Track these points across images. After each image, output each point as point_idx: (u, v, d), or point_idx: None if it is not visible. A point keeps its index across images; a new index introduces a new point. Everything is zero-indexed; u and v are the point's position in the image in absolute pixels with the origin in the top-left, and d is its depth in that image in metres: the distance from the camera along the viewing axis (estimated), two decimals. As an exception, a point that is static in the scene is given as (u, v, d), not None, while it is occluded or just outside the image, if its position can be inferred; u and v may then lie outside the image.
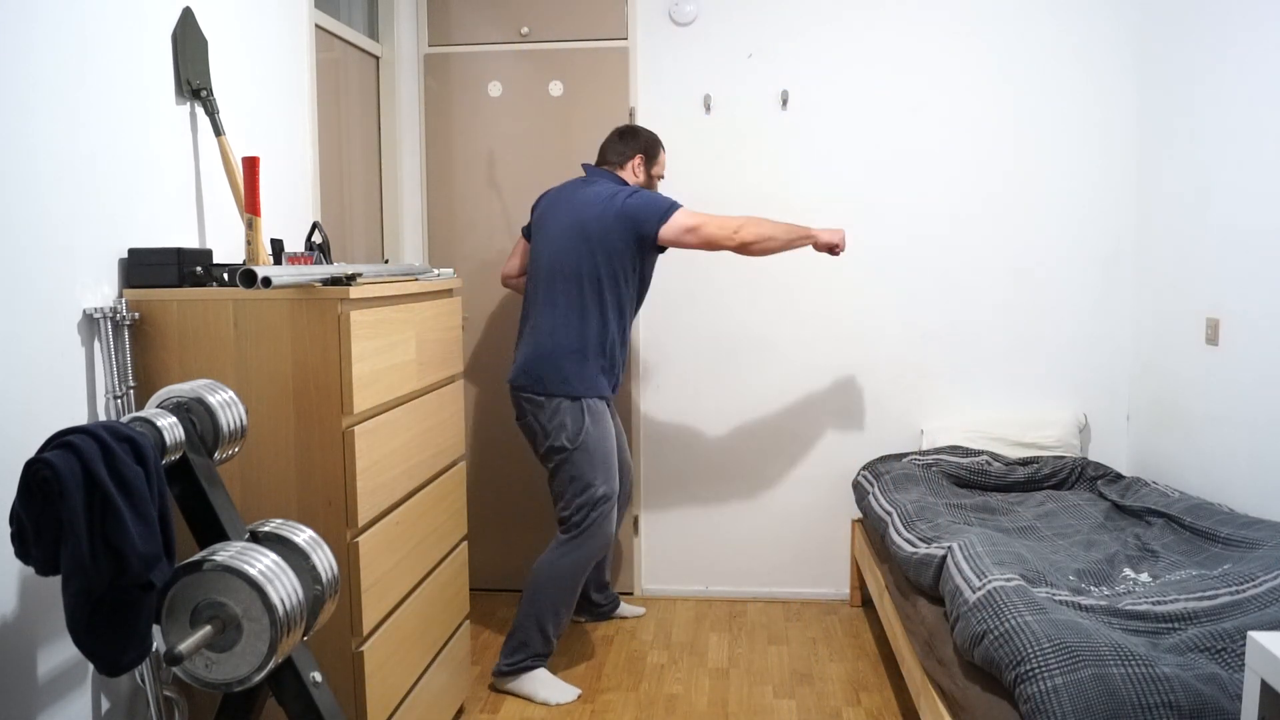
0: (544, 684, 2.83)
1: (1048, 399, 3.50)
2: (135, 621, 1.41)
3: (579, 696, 2.83)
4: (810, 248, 3.02)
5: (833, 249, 2.95)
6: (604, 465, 2.85)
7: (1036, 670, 1.73)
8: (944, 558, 2.32)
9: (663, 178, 3.13)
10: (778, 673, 3.01)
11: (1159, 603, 2.01)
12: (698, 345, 3.60)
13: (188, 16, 2.12)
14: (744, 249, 2.83)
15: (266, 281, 1.71)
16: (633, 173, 3.00)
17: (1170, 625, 1.93)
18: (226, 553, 1.48)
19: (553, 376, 2.83)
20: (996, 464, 3.23)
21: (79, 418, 1.79)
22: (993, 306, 3.49)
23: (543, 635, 2.83)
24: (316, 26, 2.87)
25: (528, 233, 3.11)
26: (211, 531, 1.60)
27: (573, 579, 2.84)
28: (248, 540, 1.59)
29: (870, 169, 3.48)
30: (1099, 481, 3.11)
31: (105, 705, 1.84)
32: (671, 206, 2.81)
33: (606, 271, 2.82)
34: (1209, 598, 2.01)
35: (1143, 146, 3.35)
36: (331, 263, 2.15)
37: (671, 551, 3.68)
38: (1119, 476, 3.13)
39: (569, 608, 2.86)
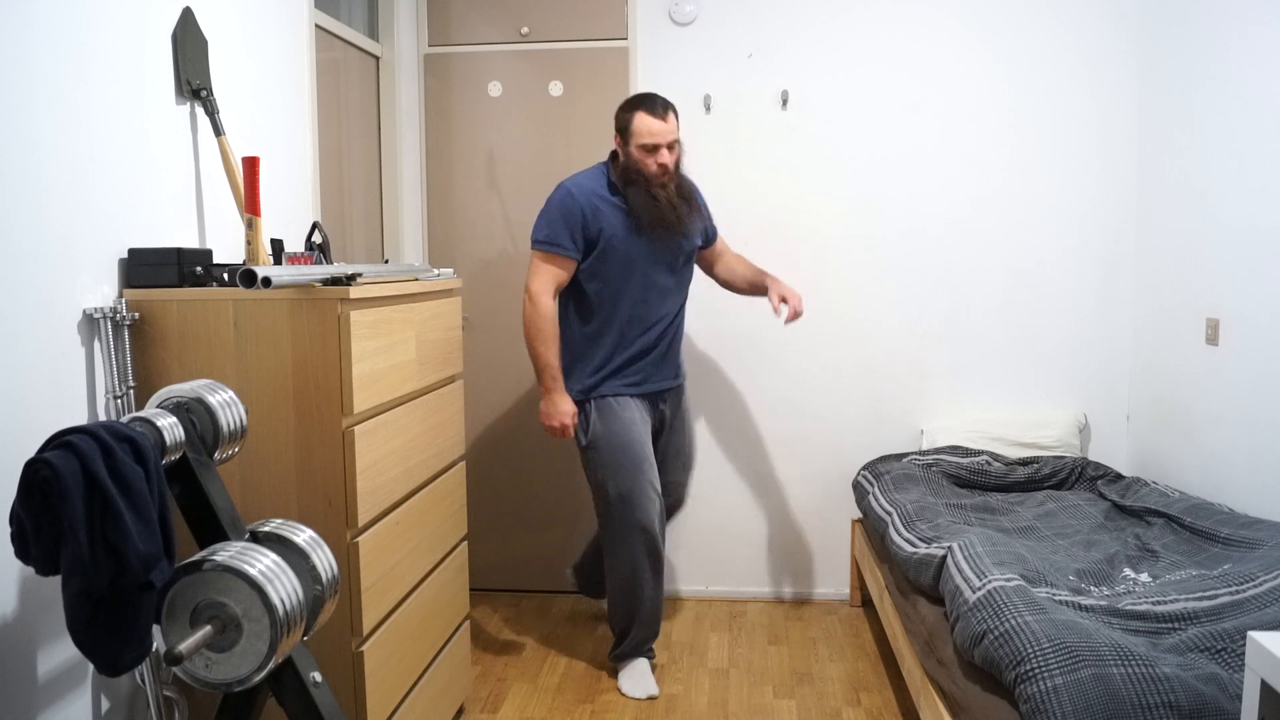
0: (629, 676, 2.90)
1: (1048, 399, 3.50)
2: (135, 621, 1.41)
3: (650, 696, 2.84)
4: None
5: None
6: (613, 463, 2.82)
7: (1036, 670, 1.73)
8: (944, 558, 2.32)
9: (657, 148, 2.74)
10: (778, 673, 3.01)
11: (1159, 603, 2.01)
12: (697, 345, 3.60)
13: (188, 16, 2.12)
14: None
15: (266, 281, 1.71)
16: (620, 154, 2.84)
17: (1170, 625, 1.93)
18: (226, 553, 1.48)
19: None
20: (996, 464, 3.23)
21: (79, 418, 1.79)
22: (993, 306, 3.49)
23: (618, 634, 2.96)
24: (316, 26, 2.87)
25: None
26: (211, 531, 1.60)
27: (613, 582, 2.90)
28: (248, 540, 1.59)
29: (870, 169, 3.48)
30: (1099, 481, 3.11)
31: (105, 705, 1.84)
32: None
33: None
34: (1209, 598, 2.01)
35: (1143, 146, 3.35)
36: (331, 263, 2.15)
37: (672, 551, 3.67)
38: (1119, 476, 3.13)
39: (631, 605, 2.88)
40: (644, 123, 2.74)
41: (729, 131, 3.50)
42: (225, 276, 1.97)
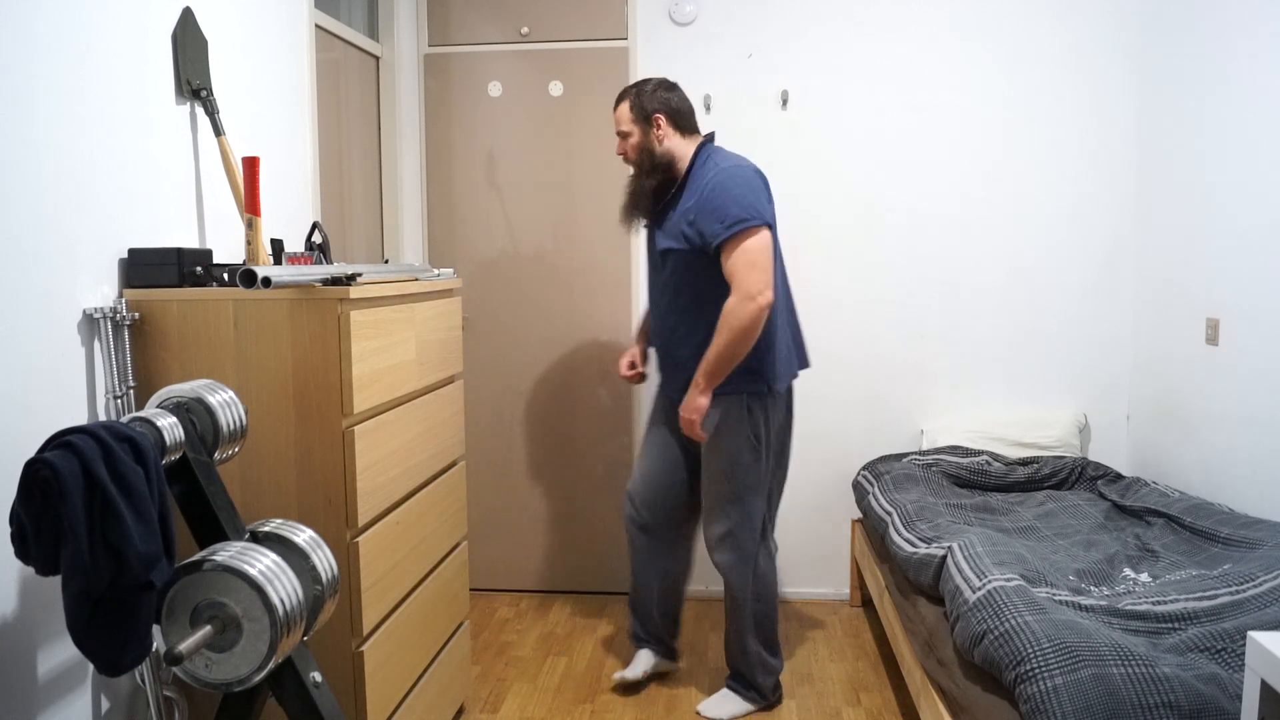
0: (634, 661, 2.93)
1: (1048, 399, 3.50)
2: (135, 621, 1.41)
3: (621, 678, 2.87)
4: None
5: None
6: None
7: (1036, 670, 1.73)
8: (944, 558, 2.32)
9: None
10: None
11: (1159, 603, 2.01)
12: (698, 345, 3.60)
13: (188, 16, 2.12)
14: None
15: (266, 281, 1.71)
16: None
17: (1170, 625, 1.93)
18: (226, 553, 1.48)
19: None
20: (996, 464, 3.23)
21: (79, 418, 1.79)
22: (993, 306, 3.49)
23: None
24: (316, 26, 2.87)
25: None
26: (211, 531, 1.60)
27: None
28: (248, 540, 1.59)
29: (870, 169, 3.48)
30: (1099, 481, 3.11)
31: (105, 705, 1.84)
32: None
33: None
34: (1209, 598, 2.01)
35: (1143, 146, 3.35)
36: (331, 263, 2.15)
37: (671, 551, 3.67)
38: (1119, 476, 3.13)
39: (632, 599, 2.96)
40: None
41: (729, 132, 3.49)
42: (225, 276, 1.97)
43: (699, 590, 3.67)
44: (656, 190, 2.65)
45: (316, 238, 2.18)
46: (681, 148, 2.64)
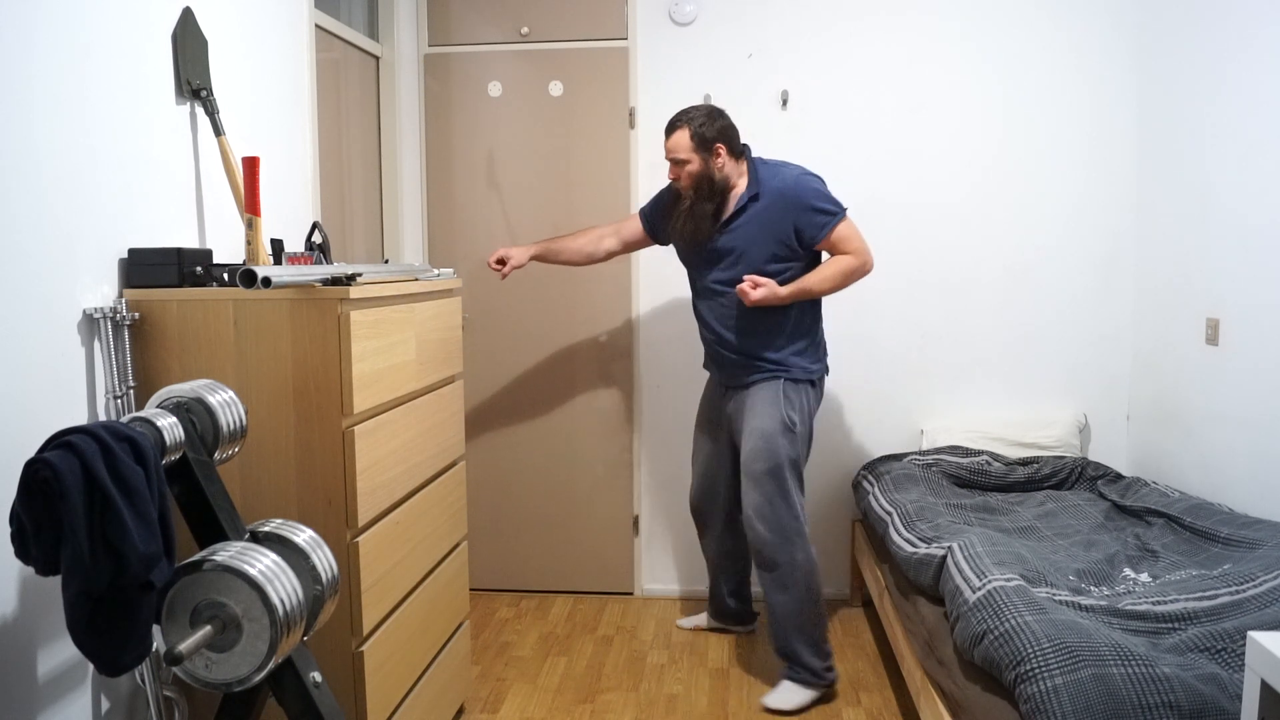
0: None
1: (1048, 399, 3.50)
2: (135, 621, 1.41)
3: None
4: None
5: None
6: None
7: (1036, 670, 1.73)
8: (944, 558, 2.32)
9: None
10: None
11: (1159, 603, 2.01)
12: (697, 344, 3.59)
13: (188, 16, 2.12)
14: None
15: (266, 281, 1.71)
16: None
17: (1170, 625, 1.93)
18: (226, 553, 1.48)
19: None
20: (996, 464, 3.23)
21: (79, 418, 1.79)
22: (993, 306, 3.49)
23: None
24: (316, 26, 2.87)
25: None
26: (211, 531, 1.60)
27: None
28: (248, 540, 1.59)
29: (870, 169, 3.48)
30: (1099, 481, 3.11)
31: (105, 705, 1.84)
32: None
33: None
34: (1209, 598, 2.01)
35: (1143, 146, 3.35)
36: (331, 263, 2.15)
37: (671, 551, 3.68)
38: (1119, 476, 3.13)
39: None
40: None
41: (729, 131, 3.49)
42: (225, 276, 1.97)
43: (700, 590, 3.67)
44: (715, 212, 2.80)
45: (316, 238, 2.18)
46: (734, 171, 2.83)
